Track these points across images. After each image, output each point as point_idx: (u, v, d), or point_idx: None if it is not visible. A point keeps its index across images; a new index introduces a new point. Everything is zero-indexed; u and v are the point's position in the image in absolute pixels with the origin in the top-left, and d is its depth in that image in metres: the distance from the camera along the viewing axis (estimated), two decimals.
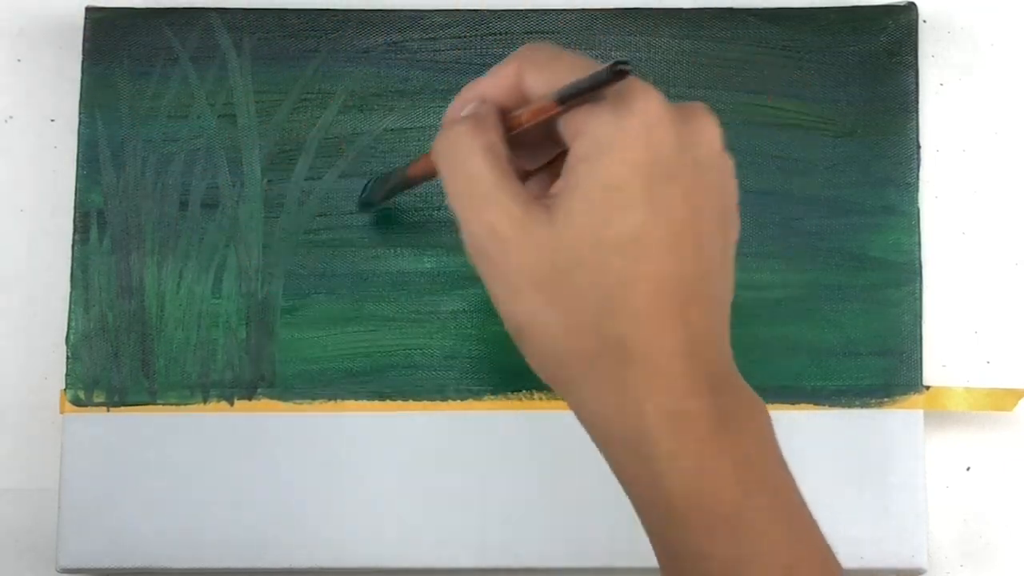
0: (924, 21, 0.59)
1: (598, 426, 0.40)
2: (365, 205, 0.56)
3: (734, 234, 0.42)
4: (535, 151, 0.42)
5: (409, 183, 0.50)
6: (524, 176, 0.43)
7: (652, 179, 0.38)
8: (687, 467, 0.38)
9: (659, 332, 0.39)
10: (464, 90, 0.42)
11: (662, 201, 0.38)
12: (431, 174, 0.46)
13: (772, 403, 0.55)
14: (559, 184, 0.39)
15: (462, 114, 0.42)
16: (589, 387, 0.39)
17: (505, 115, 0.41)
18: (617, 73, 0.37)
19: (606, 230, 0.38)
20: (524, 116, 0.40)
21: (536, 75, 0.40)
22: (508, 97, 0.41)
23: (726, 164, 0.41)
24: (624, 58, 0.37)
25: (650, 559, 0.55)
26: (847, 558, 0.54)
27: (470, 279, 0.56)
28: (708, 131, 0.40)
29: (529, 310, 0.39)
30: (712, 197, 0.40)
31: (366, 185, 0.55)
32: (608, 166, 0.38)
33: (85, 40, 0.58)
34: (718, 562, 0.38)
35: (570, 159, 0.39)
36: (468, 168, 0.40)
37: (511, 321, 0.40)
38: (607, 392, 0.39)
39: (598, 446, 0.41)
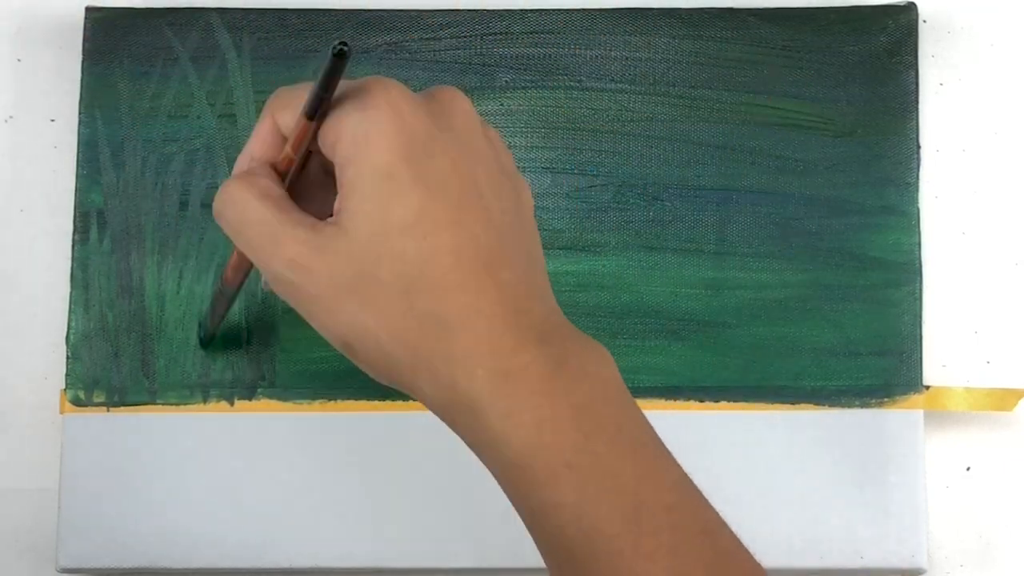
0: (924, 21, 0.59)
1: (440, 408, 0.41)
2: (205, 342, 0.55)
3: (525, 195, 0.43)
4: (325, 198, 0.42)
5: (229, 291, 0.50)
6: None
7: (415, 159, 0.39)
8: (524, 422, 0.39)
9: (471, 298, 0.39)
10: (236, 162, 0.43)
11: (433, 177, 0.39)
12: (244, 265, 0.47)
13: (772, 403, 0.55)
14: (338, 198, 0.40)
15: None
16: (422, 374, 0.40)
17: (277, 165, 0.42)
18: (337, 55, 0.37)
19: (390, 219, 0.39)
20: (289, 149, 0.41)
21: (286, 114, 0.41)
22: (275, 148, 0.42)
23: (489, 132, 0.42)
24: (342, 39, 0.38)
25: None
26: (847, 558, 0.55)
27: None
28: (458, 105, 0.41)
29: (347, 322, 0.40)
30: (483, 163, 0.41)
31: (199, 324, 0.55)
32: (369, 159, 0.39)
33: (85, 40, 0.58)
34: (568, 509, 0.39)
35: (337, 170, 0.40)
36: (249, 216, 0.41)
37: (336, 339, 0.41)
38: (438, 373, 0.40)
39: (454, 431, 0.41)
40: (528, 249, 0.42)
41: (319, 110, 0.39)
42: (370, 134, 0.39)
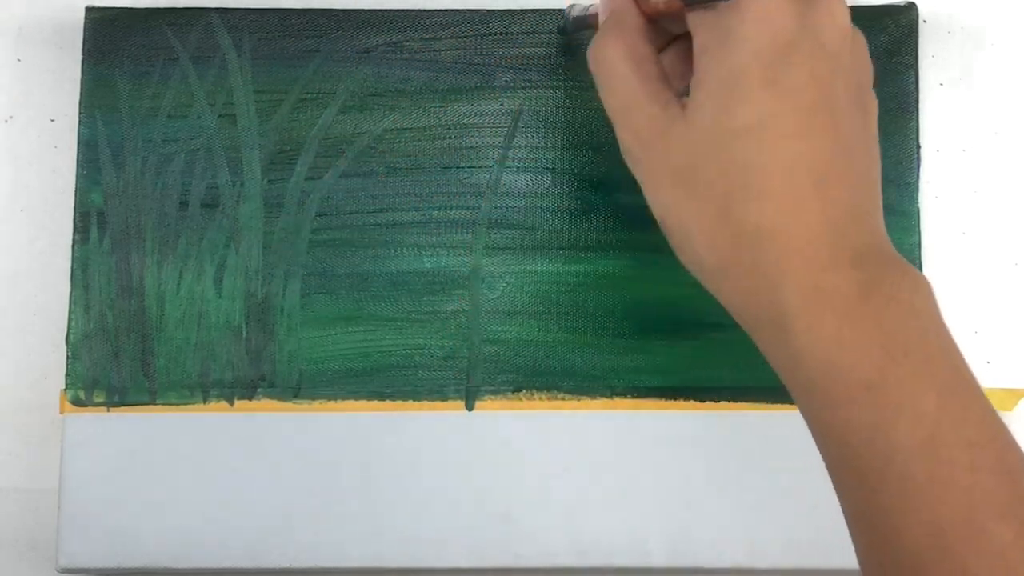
0: (924, 21, 0.59)
1: (741, 313, 0.41)
2: (564, 32, 0.56)
3: (873, 110, 0.42)
4: (679, 18, 0.43)
5: (594, 24, 0.51)
6: (670, 40, 0.45)
7: (771, 64, 0.39)
8: (825, 338, 0.38)
9: (793, 212, 0.39)
10: None
11: (787, 85, 0.39)
12: None
13: (773, 403, 0.55)
14: (692, 80, 0.40)
15: (601, 18, 0.44)
16: (730, 276, 0.40)
17: (648, 8, 0.43)
18: None
19: (731, 120, 0.39)
20: (660, 6, 0.42)
21: None
22: None
23: (857, 42, 0.41)
24: None
25: (649, 559, 0.55)
26: (847, 558, 0.54)
27: (470, 279, 0.56)
28: (833, 11, 0.40)
29: (669, 204, 0.41)
30: (843, 76, 0.40)
31: (565, 15, 0.55)
32: (727, 56, 0.39)
33: (85, 40, 0.58)
34: (862, 430, 0.38)
35: (695, 53, 0.40)
36: (615, 78, 0.42)
37: (656, 214, 0.42)
38: (746, 278, 0.39)
39: (750, 336, 0.41)
40: (866, 170, 0.41)
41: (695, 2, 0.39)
42: (733, 30, 0.39)
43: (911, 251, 0.56)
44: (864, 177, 0.40)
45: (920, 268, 0.56)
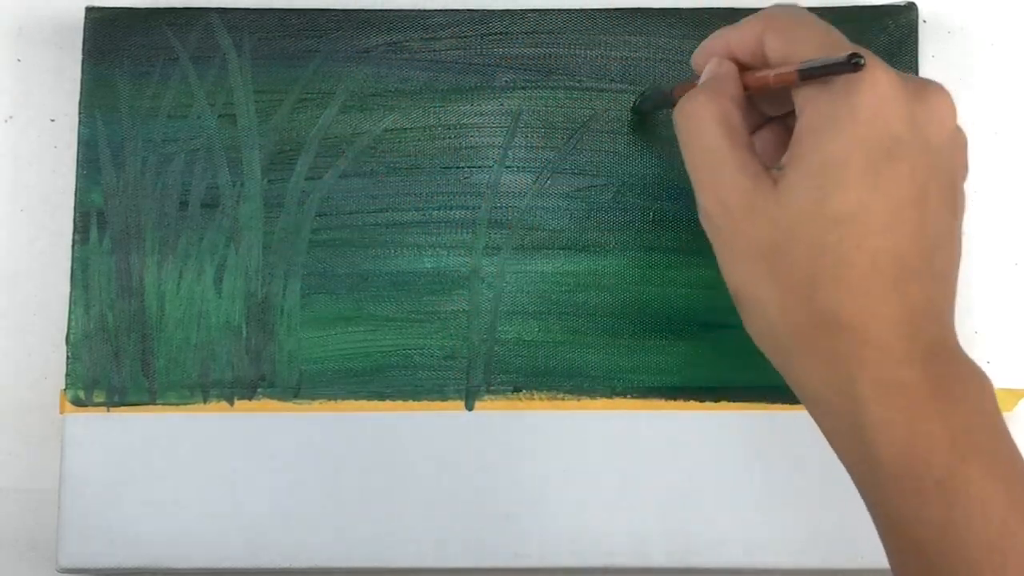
0: (924, 21, 0.59)
1: (811, 399, 0.41)
2: (637, 111, 0.56)
3: (962, 209, 0.42)
4: (777, 99, 0.43)
5: (674, 102, 0.50)
6: (761, 123, 0.44)
7: (876, 156, 0.38)
8: (898, 433, 0.39)
9: (873, 305, 0.39)
10: (710, 39, 0.43)
11: (885, 178, 0.39)
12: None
13: (773, 403, 0.55)
14: (787, 155, 0.40)
15: (701, 80, 0.43)
16: (802, 360, 0.40)
17: (744, 71, 0.42)
18: (854, 65, 0.37)
19: (824, 206, 0.39)
20: (769, 79, 0.41)
21: (777, 39, 0.41)
22: (749, 55, 0.42)
23: (959, 142, 0.41)
24: (859, 52, 0.39)
25: (649, 559, 0.55)
26: (847, 558, 0.55)
27: (470, 279, 0.56)
28: (942, 109, 0.40)
29: (747, 280, 0.41)
30: (940, 176, 0.40)
31: (642, 94, 0.56)
32: (831, 141, 0.39)
33: (85, 40, 0.58)
34: (931, 526, 0.38)
35: (798, 130, 0.40)
36: (704, 139, 0.41)
37: (731, 288, 0.42)
38: (820, 365, 0.40)
39: (813, 418, 0.41)
40: (945, 269, 0.41)
41: (813, 77, 0.39)
42: (842, 117, 0.39)
43: None
44: (942, 275, 0.41)
45: None
